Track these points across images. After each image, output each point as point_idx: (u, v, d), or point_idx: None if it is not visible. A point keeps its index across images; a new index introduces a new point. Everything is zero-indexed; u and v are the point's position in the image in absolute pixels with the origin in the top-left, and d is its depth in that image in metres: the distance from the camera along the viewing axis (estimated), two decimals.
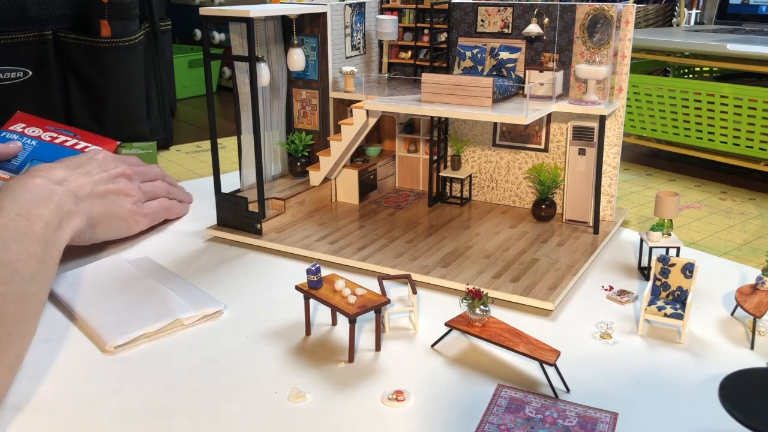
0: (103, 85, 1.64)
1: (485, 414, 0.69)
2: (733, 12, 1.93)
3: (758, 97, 1.37)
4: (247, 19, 1.04)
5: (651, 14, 2.15)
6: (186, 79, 2.46)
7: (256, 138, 1.11)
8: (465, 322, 0.80)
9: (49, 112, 1.61)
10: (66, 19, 1.61)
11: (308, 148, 1.29)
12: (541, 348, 0.74)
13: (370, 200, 1.30)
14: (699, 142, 1.53)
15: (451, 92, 1.08)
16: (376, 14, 1.32)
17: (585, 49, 1.14)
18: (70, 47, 1.61)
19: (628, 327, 0.87)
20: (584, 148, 1.15)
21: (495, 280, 0.96)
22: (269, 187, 1.24)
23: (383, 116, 1.30)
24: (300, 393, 0.72)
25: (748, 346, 0.82)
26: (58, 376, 0.76)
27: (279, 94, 1.28)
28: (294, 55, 1.20)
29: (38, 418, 0.69)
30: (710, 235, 1.20)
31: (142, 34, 1.70)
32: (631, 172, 1.58)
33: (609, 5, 1.10)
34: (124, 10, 1.62)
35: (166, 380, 0.75)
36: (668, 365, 0.78)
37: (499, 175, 1.27)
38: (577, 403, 0.71)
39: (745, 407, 0.54)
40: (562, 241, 1.10)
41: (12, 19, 1.54)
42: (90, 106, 1.66)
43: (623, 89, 1.13)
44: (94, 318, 0.87)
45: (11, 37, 1.54)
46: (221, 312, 0.90)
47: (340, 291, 0.82)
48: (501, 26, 1.21)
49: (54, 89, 1.61)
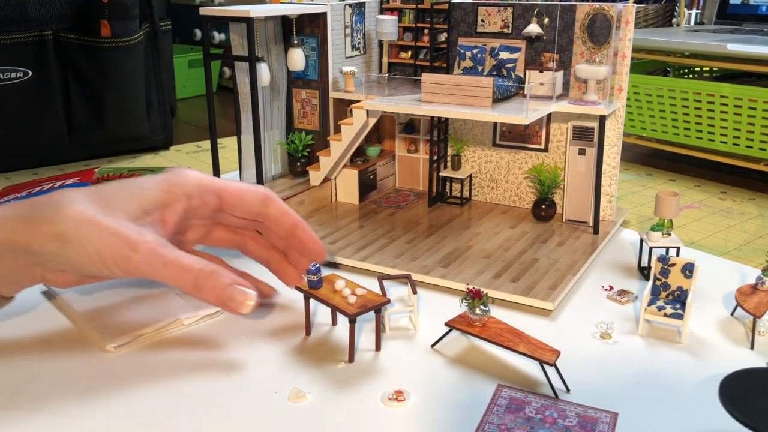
0: (103, 85, 1.64)
1: (485, 414, 0.69)
2: (733, 12, 1.93)
3: (758, 97, 1.37)
4: (247, 19, 1.04)
5: (651, 14, 2.15)
6: (186, 79, 2.46)
7: (256, 138, 1.11)
8: (465, 322, 0.80)
9: (49, 112, 1.61)
10: (66, 19, 1.61)
11: (308, 148, 1.29)
12: (541, 348, 0.74)
13: (370, 200, 1.30)
14: (699, 142, 1.53)
15: (451, 92, 1.08)
16: (376, 14, 1.32)
17: (585, 49, 1.14)
18: (70, 47, 1.61)
19: (628, 327, 0.87)
20: (584, 148, 1.15)
21: (495, 280, 0.96)
22: (269, 187, 1.24)
23: (383, 116, 1.30)
24: (300, 393, 0.72)
25: (748, 346, 0.82)
26: (58, 376, 0.76)
27: (279, 94, 1.28)
28: (294, 55, 1.20)
29: (38, 418, 0.69)
30: (710, 235, 1.20)
31: (142, 34, 1.70)
32: (631, 172, 1.58)
33: (609, 5, 1.10)
34: (124, 10, 1.62)
35: (166, 380, 0.75)
36: (668, 365, 0.78)
37: (499, 175, 1.27)
38: (577, 403, 0.71)
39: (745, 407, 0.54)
40: (562, 241, 1.10)
41: (12, 19, 1.54)
42: (90, 106, 1.66)
43: (623, 89, 1.13)
44: (94, 318, 0.87)
45: (11, 37, 1.54)
46: (221, 312, 0.90)
47: (340, 291, 0.82)
48: (501, 26, 1.21)
49: (54, 89, 1.61)
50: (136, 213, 0.76)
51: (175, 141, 1.87)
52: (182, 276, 0.73)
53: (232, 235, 0.90)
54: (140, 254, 0.72)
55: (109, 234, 0.72)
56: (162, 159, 1.72)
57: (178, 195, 0.80)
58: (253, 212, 0.86)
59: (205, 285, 0.74)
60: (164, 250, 0.74)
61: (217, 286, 0.73)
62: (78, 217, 0.72)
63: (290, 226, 0.85)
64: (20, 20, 1.55)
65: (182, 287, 0.74)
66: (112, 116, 1.68)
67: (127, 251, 0.72)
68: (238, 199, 0.84)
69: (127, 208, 0.76)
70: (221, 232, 0.90)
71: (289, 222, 0.85)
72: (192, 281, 0.73)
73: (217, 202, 0.84)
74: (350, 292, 0.81)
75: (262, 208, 0.85)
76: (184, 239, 0.87)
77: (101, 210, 0.74)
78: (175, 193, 0.80)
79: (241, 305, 0.74)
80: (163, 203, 0.79)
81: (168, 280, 0.74)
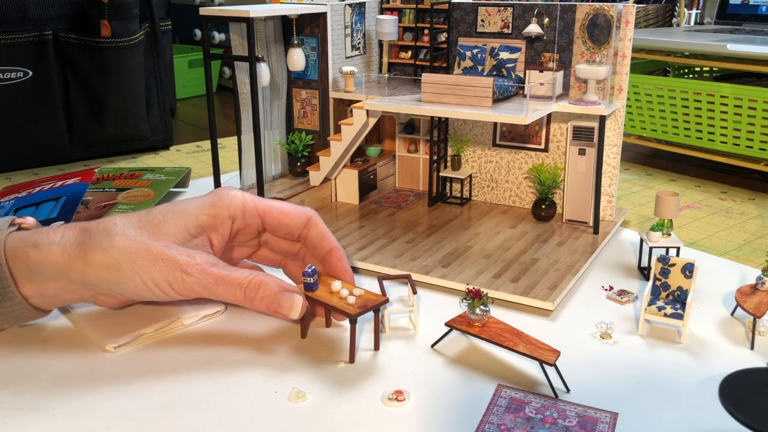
0: (103, 85, 1.64)
1: (485, 414, 0.69)
2: (733, 12, 1.93)
3: (758, 97, 1.37)
4: (247, 19, 1.04)
5: (651, 14, 2.15)
6: (186, 79, 2.46)
7: (256, 138, 1.11)
8: (465, 322, 0.80)
9: (49, 112, 1.62)
10: (66, 19, 1.61)
11: (308, 148, 1.29)
12: (541, 348, 0.74)
13: (370, 200, 1.30)
14: (699, 142, 1.53)
15: (451, 92, 1.08)
16: (376, 14, 1.32)
17: (585, 49, 1.14)
18: (70, 47, 1.61)
19: (628, 327, 0.87)
20: (584, 148, 1.15)
21: (495, 280, 0.96)
22: (269, 187, 1.24)
23: (383, 116, 1.30)
24: (300, 393, 0.72)
25: (748, 346, 0.82)
26: (58, 376, 0.76)
27: (279, 94, 1.28)
28: (294, 55, 1.20)
29: (38, 418, 0.69)
30: (710, 235, 1.20)
31: (142, 34, 1.70)
32: (631, 172, 1.58)
33: (609, 5, 1.10)
34: (124, 10, 1.62)
35: (166, 380, 0.75)
36: (668, 365, 0.78)
37: (499, 175, 1.27)
38: (577, 403, 0.71)
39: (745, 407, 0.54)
40: (562, 241, 1.10)
41: (12, 19, 1.54)
42: (90, 106, 1.66)
43: (623, 89, 1.13)
44: (94, 318, 0.87)
45: (11, 37, 1.54)
46: (221, 312, 0.90)
47: (337, 292, 0.82)
48: (501, 26, 1.21)
49: (54, 89, 1.61)
50: (184, 237, 0.79)
51: (175, 141, 1.87)
52: (233, 291, 0.77)
53: (275, 255, 0.93)
54: (192, 276, 0.76)
55: (161, 260, 0.76)
56: (162, 159, 1.72)
57: (222, 218, 0.82)
58: (295, 234, 0.87)
59: (255, 296, 0.78)
60: (214, 269, 0.77)
61: (267, 295, 0.78)
62: (131, 246, 0.76)
63: (327, 251, 0.86)
64: (20, 20, 1.55)
65: (234, 301, 0.79)
66: (112, 116, 1.68)
67: (180, 274, 0.76)
68: (281, 221, 0.86)
69: (175, 232, 0.79)
70: (265, 252, 0.92)
71: (327, 247, 0.86)
72: (243, 294, 0.77)
73: (261, 223, 0.86)
74: (348, 293, 0.81)
75: (304, 230, 0.87)
76: (231, 257, 0.90)
77: (151, 236, 0.77)
78: (219, 217, 0.82)
79: (290, 310, 0.78)
80: (208, 226, 0.82)
81: (220, 296, 0.78)
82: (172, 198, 1.37)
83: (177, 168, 1.45)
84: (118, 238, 0.76)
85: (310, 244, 0.87)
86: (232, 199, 0.83)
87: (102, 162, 1.69)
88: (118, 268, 0.75)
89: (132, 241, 0.76)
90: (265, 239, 0.90)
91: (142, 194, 1.31)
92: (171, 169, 1.45)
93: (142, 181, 1.38)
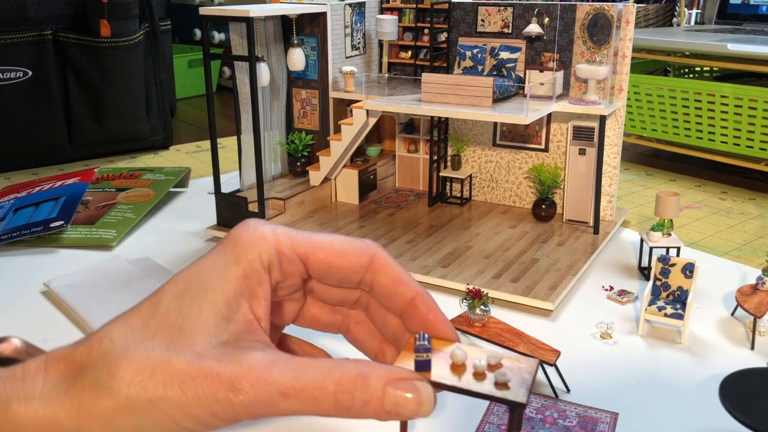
0: (103, 85, 1.64)
1: (485, 414, 0.69)
2: (734, 12, 1.93)
3: (758, 97, 1.37)
4: (247, 19, 1.04)
5: (651, 14, 2.15)
6: (186, 79, 2.46)
7: (256, 138, 1.11)
8: (465, 322, 0.79)
9: (49, 112, 1.61)
10: (66, 19, 1.61)
11: (308, 148, 1.29)
12: (541, 348, 0.74)
13: (370, 200, 1.30)
14: (699, 142, 1.53)
15: (452, 92, 1.08)
16: (376, 14, 1.32)
17: (585, 49, 1.14)
18: (70, 47, 1.61)
19: (628, 327, 0.87)
20: (584, 148, 1.15)
21: (495, 280, 0.96)
22: (269, 187, 1.24)
23: (383, 116, 1.30)
24: None
25: (748, 346, 0.82)
26: None
27: (279, 94, 1.28)
28: (294, 55, 1.20)
29: None
30: (710, 235, 1.20)
31: (141, 34, 1.70)
32: (631, 172, 1.58)
33: (609, 5, 1.10)
34: (123, 10, 1.62)
35: None
36: (668, 365, 0.78)
37: (499, 175, 1.27)
38: (577, 403, 0.70)
39: (745, 407, 0.54)
40: (562, 241, 1.10)
41: (12, 19, 1.54)
42: (90, 106, 1.66)
43: (623, 89, 1.13)
44: (94, 318, 0.87)
45: (11, 37, 1.54)
46: None
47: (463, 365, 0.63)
48: (501, 26, 1.21)
49: (54, 89, 1.61)
50: (217, 328, 0.48)
51: (175, 141, 1.87)
52: (314, 403, 0.45)
53: (329, 313, 0.58)
54: (244, 393, 0.45)
55: (192, 379, 0.45)
56: (162, 159, 1.72)
57: (257, 274, 0.50)
58: (354, 281, 0.54)
59: (354, 403, 0.44)
60: (275, 373, 0.45)
61: (372, 396, 0.44)
62: (143, 371, 0.45)
63: (407, 300, 0.52)
64: (20, 20, 1.55)
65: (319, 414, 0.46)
66: (112, 116, 1.68)
67: (225, 394, 0.45)
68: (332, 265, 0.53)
69: (203, 325, 0.48)
70: (316, 309, 0.58)
71: (407, 295, 0.51)
72: (332, 404, 0.45)
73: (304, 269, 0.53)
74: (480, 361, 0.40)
75: (367, 275, 0.53)
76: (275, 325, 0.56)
77: (170, 344, 0.46)
78: (253, 273, 0.50)
79: (416, 408, 0.42)
80: (242, 295, 0.50)
81: (296, 413, 0.47)
82: (171, 198, 1.37)
83: (177, 168, 1.45)
84: (122, 362, 0.45)
85: (379, 292, 0.53)
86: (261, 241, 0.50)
87: (102, 162, 1.69)
88: (133, 410, 0.45)
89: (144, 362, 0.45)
90: (311, 287, 0.57)
91: (142, 194, 1.31)
92: (171, 169, 1.45)
93: (142, 181, 1.38)
